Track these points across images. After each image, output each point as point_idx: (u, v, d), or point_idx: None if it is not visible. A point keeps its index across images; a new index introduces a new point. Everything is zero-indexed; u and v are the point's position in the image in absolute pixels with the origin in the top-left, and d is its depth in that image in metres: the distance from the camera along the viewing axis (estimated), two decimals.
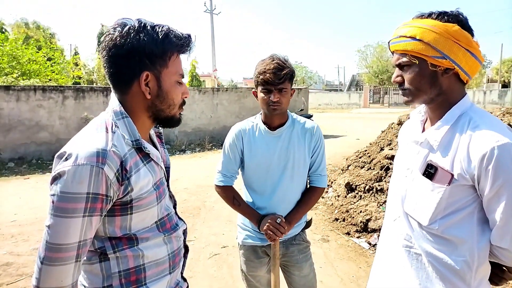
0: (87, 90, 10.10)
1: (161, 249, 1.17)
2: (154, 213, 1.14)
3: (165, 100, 1.13)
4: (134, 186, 1.04)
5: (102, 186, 0.97)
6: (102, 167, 0.96)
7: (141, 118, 1.14)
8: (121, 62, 1.05)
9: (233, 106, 12.99)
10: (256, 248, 1.99)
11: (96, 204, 0.97)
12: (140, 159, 1.10)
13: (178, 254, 1.24)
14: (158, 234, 1.16)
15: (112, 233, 1.07)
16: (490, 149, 1.06)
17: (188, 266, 3.63)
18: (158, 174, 1.16)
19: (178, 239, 1.25)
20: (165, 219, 1.20)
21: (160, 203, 1.16)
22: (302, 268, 2.00)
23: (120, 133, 1.06)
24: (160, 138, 1.35)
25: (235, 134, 1.96)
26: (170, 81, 1.13)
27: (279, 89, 1.79)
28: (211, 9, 25.13)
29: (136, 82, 1.08)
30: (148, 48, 1.05)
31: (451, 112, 1.21)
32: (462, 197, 1.16)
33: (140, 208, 1.09)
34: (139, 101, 1.11)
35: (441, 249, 1.21)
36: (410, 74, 1.22)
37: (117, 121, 1.08)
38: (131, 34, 1.04)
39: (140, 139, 1.09)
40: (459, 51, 1.14)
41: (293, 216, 1.91)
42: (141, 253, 1.11)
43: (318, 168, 1.97)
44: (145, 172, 1.09)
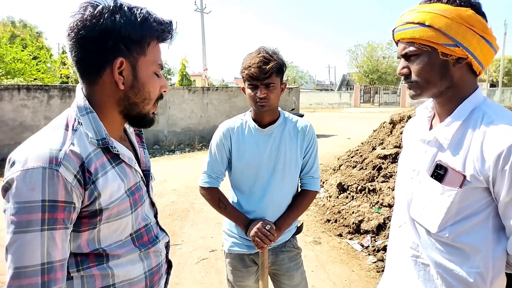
0: (73, 89, 9.84)
1: (136, 266, 1.02)
2: (128, 224, 1.00)
3: (140, 93, 0.99)
4: (102, 191, 0.90)
5: (60, 191, 0.82)
6: (56, 168, 0.81)
7: (111, 114, 0.99)
8: (92, 46, 0.90)
9: (224, 106, 12.82)
10: (243, 256, 1.85)
11: (56, 214, 0.81)
12: (108, 160, 0.95)
13: (157, 271, 1.09)
14: (133, 249, 1.01)
15: (77, 249, 0.92)
16: (508, 147, 0.94)
17: (174, 272, 3.48)
18: (132, 178, 1.02)
19: (158, 254, 1.10)
20: (142, 231, 1.05)
21: (136, 211, 1.01)
22: (293, 277, 1.85)
23: (83, 131, 0.92)
24: (140, 137, 1.20)
25: (223, 133, 1.81)
26: (148, 71, 0.99)
27: (265, 84, 1.64)
28: (201, 8, 24.90)
29: (109, 69, 0.93)
30: (125, 31, 0.91)
31: (462, 107, 1.08)
32: (475, 201, 1.03)
33: (111, 218, 0.94)
34: (110, 93, 0.96)
35: (451, 259, 1.08)
36: (418, 64, 1.09)
37: (81, 117, 0.93)
38: (104, 15, 0.89)
39: (108, 138, 0.95)
40: (473, 38, 1.02)
41: (283, 221, 1.77)
42: (111, 272, 0.96)
43: (310, 170, 1.83)
44: (114, 175, 0.95)
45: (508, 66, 40.29)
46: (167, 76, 25.07)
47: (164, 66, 11.63)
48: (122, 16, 0.91)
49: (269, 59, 1.63)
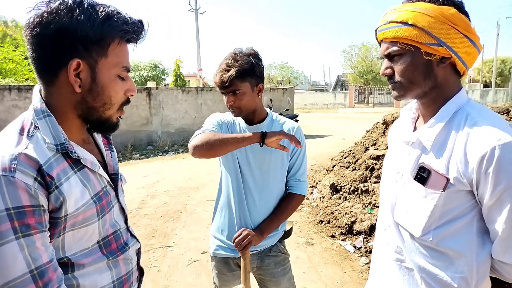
0: None
1: (104, 275, 0.97)
2: (95, 231, 0.95)
3: (100, 97, 0.92)
4: (68, 196, 0.85)
5: (23, 197, 0.77)
6: (12, 175, 0.77)
7: (70, 117, 0.93)
8: (47, 44, 0.85)
9: (218, 106, 12.77)
10: (228, 260, 1.81)
11: (26, 219, 0.77)
12: (69, 165, 0.90)
13: (127, 280, 1.04)
14: (100, 257, 0.96)
15: None
16: (491, 149, 0.92)
17: (165, 274, 3.45)
18: (96, 183, 0.96)
19: (127, 261, 1.05)
20: (110, 238, 1.01)
21: (103, 218, 0.97)
22: (280, 283, 1.81)
23: (40, 137, 0.86)
24: (108, 139, 1.14)
25: (220, 117, 1.76)
26: (109, 74, 0.92)
27: (230, 91, 1.60)
28: (195, 8, 24.85)
29: (65, 70, 0.87)
30: (82, 30, 0.85)
31: (446, 108, 1.06)
32: (459, 204, 1.01)
33: (76, 225, 0.89)
34: (66, 95, 0.90)
35: (435, 263, 1.06)
36: (401, 64, 1.06)
37: (38, 121, 0.88)
38: (62, 11, 0.84)
39: (67, 143, 0.89)
40: (456, 37, 1.00)
41: (266, 225, 1.72)
42: (76, 282, 0.91)
43: (297, 173, 1.79)
44: (76, 181, 0.90)
45: (501, 67, 40.63)
46: (161, 77, 24.93)
47: (158, 66, 11.58)
48: (80, 14, 0.85)
49: (230, 66, 1.58)
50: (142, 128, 11.19)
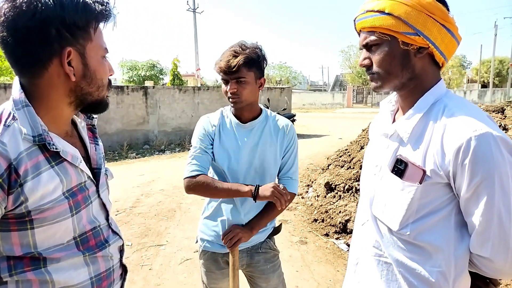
0: None
1: (80, 271, 0.95)
2: (69, 228, 0.92)
3: (94, 81, 0.94)
4: (29, 195, 0.83)
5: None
6: None
7: (57, 106, 0.92)
8: (32, 36, 0.83)
9: (215, 105, 12.74)
10: (216, 258, 1.79)
11: None
12: (46, 159, 0.88)
13: (106, 277, 1.02)
14: (75, 253, 0.94)
15: (9, 252, 0.86)
16: (467, 140, 0.90)
17: (157, 273, 3.42)
18: (74, 178, 0.94)
19: (107, 258, 1.03)
20: (88, 235, 0.98)
21: (78, 214, 0.94)
22: (269, 279, 1.80)
23: (17, 127, 0.84)
24: (93, 132, 1.12)
25: (206, 123, 1.73)
26: (97, 57, 0.94)
27: (235, 78, 1.58)
28: (193, 8, 24.79)
29: (55, 61, 0.87)
30: (69, 18, 0.84)
31: (423, 99, 1.05)
32: (436, 197, 0.99)
33: (45, 221, 0.87)
34: (57, 85, 0.89)
35: (413, 258, 1.04)
36: (379, 55, 1.04)
37: (16, 112, 0.86)
38: (41, 0, 0.82)
39: (45, 134, 0.87)
40: (433, 27, 0.98)
41: (256, 221, 1.71)
42: (50, 278, 0.89)
43: (289, 171, 1.77)
44: (50, 176, 0.87)
45: (499, 67, 40.68)
46: (159, 76, 24.90)
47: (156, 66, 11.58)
48: (61, 1, 0.84)
49: (238, 52, 1.58)
50: (139, 127, 11.16)
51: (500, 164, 0.90)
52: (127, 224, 4.70)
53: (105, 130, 10.46)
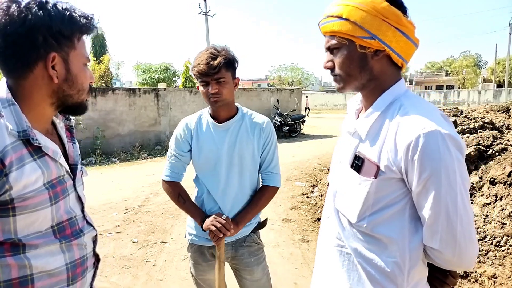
0: None
1: (56, 258, 1.02)
2: (48, 216, 1.00)
3: (74, 85, 1.03)
4: (13, 183, 0.91)
5: None
6: None
7: (40, 106, 1.01)
8: (21, 41, 0.92)
9: None
10: (203, 250, 1.88)
11: None
12: (29, 153, 0.96)
13: (80, 264, 1.09)
14: (52, 240, 1.02)
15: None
16: (415, 138, 0.96)
17: (160, 269, 3.54)
18: (54, 171, 1.02)
19: (82, 247, 1.11)
20: (65, 224, 1.06)
21: (56, 204, 1.02)
22: (254, 272, 1.88)
23: (3, 123, 0.93)
24: (71, 131, 1.21)
25: (183, 129, 1.84)
26: (79, 64, 1.04)
27: (215, 79, 1.67)
28: (205, 11, 25.05)
29: (41, 64, 0.96)
30: (56, 27, 0.94)
31: (381, 99, 1.11)
32: (390, 191, 1.05)
33: (27, 209, 0.95)
34: (41, 86, 0.99)
35: (371, 248, 1.10)
36: (339, 58, 1.11)
37: (3, 109, 0.95)
38: (32, 10, 0.92)
39: (29, 130, 0.96)
40: (388, 30, 1.04)
41: (241, 216, 1.79)
42: (28, 263, 0.97)
43: (269, 165, 1.86)
44: (33, 168, 0.96)
45: None
46: (172, 78, 25.23)
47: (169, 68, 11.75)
48: (50, 11, 0.94)
49: (216, 54, 1.67)
50: (151, 128, 11.36)
51: (447, 160, 0.95)
52: (135, 222, 4.84)
53: (118, 131, 10.70)
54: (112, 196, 6.09)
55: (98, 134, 10.03)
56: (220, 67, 1.65)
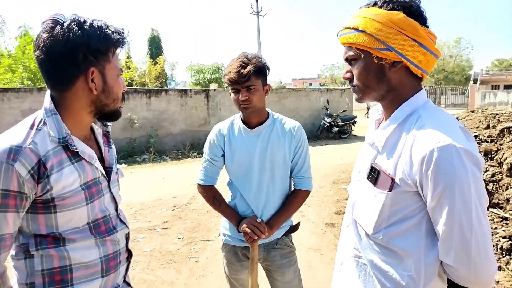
0: (131, 91, 10.57)
1: (91, 252, 1.14)
2: (84, 214, 1.11)
3: (110, 95, 1.14)
4: (54, 184, 1.03)
5: (13, 183, 0.97)
6: (12, 164, 0.96)
7: (79, 114, 1.13)
8: (64, 59, 1.04)
9: (273, 108, 12.76)
10: (236, 250, 1.95)
11: (8, 200, 0.97)
12: (68, 157, 1.08)
13: (113, 258, 1.20)
14: (88, 236, 1.13)
15: (36, 231, 1.06)
16: (430, 151, 0.94)
17: (202, 266, 3.66)
18: (90, 173, 1.14)
19: (115, 243, 1.22)
20: (99, 221, 1.17)
21: (92, 204, 1.13)
22: (285, 274, 1.92)
23: (46, 130, 1.05)
24: (107, 137, 1.32)
25: (215, 134, 1.93)
26: (114, 75, 1.14)
27: (246, 87, 1.73)
28: (257, 11, 25.31)
29: (81, 78, 1.07)
30: (93, 44, 1.05)
31: (399, 110, 1.10)
32: (406, 205, 1.04)
33: (65, 207, 1.07)
34: (81, 97, 1.10)
35: (386, 261, 1.09)
36: (357, 69, 1.12)
37: (46, 118, 1.07)
38: (73, 30, 1.03)
39: (68, 137, 1.07)
40: (404, 42, 1.03)
41: (274, 220, 1.84)
42: (67, 254, 1.09)
43: (300, 170, 1.89)
44: (71, 171, 1.07)
45: None
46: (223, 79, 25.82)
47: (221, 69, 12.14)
48: (87, 31, 1.05)
49: (247, 63, 1.73)
50: (201, 128, 11.71)
51: (461, 176, 0.92)
52: (182, 219, 5.04)
53: (170, 130, 11.16)
54: (162, 193, 6.39)
55: (152, 133, 10.54)
56: (250, 75, 1.71)
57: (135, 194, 6.28)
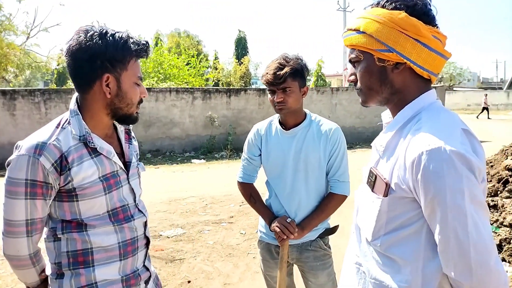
0: (212, 91, 11.13)
1: (110, 237, 1.25)
2: (103, 203, 1.23)
3: (124, 99, 1.24)
4: (74, 176, 1.16)
5: (39, 174, 1.11)
6: (38, 158, 1.11)
7: (98, 115, 1.25)
8: (85, 64, 1.17)
9: (354, 106, 12.51)
10: (270, 248, 1.97)
11: (36, 189, 1.12)
12: (88, 152, 1.21)
13: (131, 244, 1.30)
14: (107, 223, 1.25)
15: (62, 216, 1.21)
16: (419, 155, 0.89)
17: (258, 262, 3.69)
18: (108, 167, 1.25)
19: (133, 230, 1.32)
20: (118, 210, 1.28)
21: (110, 194, 1.25)
22: (318, 276, 1.89)
23: (69, 129, 1.19)
24: (129, 134, 1.44)
25: (253, 134, 1.97)
26: (129, 82, 1.23)
27: (281, 88, 1.74)
28: (344, 7, 24.63)
29: (98, 82, 1.19)
30: (109, 53, 1.16)
31: (401, 113, 1.05)
32: (404, 211, 0.98)
33: (85, 196, 1.19)
34: (98, 100, 1.22)
35: (384, 270, 1.05)
36: (360, 71, 1.09)
37: (71, 118, 1.22)
38: (93, 40, 1.16)
39: (88, 135, 1.20)
40: (406, 43, 0.98)
41: (307, 221, 1.83)
42: (88, 239, 1.21)
43: (336, 173, 1.84)
44: (90, 164, 1.20)
45: None
46: None
47: None
48: (107, 41, 1.16)
49: (284, 65, 1.73)
50: None
51: (453, 180, 0.85)
52: (247, 215, 5.19)
53: (248, 128, 11.35)
54: (233, 189, 6.60)
55: (230, 131, 10.97)
56: (285, 77, 1.72)
57: (208, 188, 6.63)
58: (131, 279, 1.31)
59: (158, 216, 5.21)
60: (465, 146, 0.88)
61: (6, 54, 13.25)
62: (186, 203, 5.91)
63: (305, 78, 1.82)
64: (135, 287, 1.33)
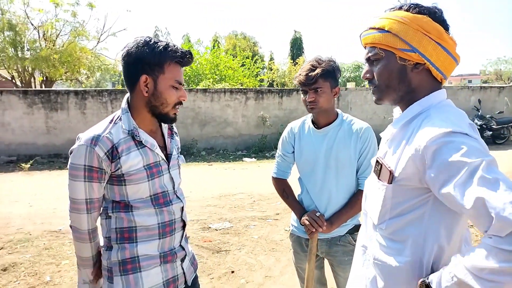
0: (265, 92, 11.32)
1: (151, 218, 1.43)
2: (146, 188, 1.41)
3: (159, 99, 1.39)
4: (123, 164, 1.35)
5: (94, 161, 1.32)
6: (93, 147, 1.31)
7: (141, 113, 1.43)
8: (131, 67, 1.37)
9: None
10: (301, 241, 2.07)
11: (92, 173, 1.33)
12: (135, 144, 1.39)
13: (169, 225, 1.47)
14: (149, 205, 1.43)
15: (113, 197, 1.41)
16: (431, 139, 0.96)
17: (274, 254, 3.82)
18: (151, 157, 1.43)
19: (171, 213, 1.48)
20: (159, 195, 1.45)
21: (152, 181, 1.42)
22: (346, 271, 1.93)
23: (120, 124, 1.39)
24: (171, 129, 1.62)
25: (288, 132, 2.09)
26: (166, 84, 1.39)
27: (313, 89, 1.83)
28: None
29: (139, 83, 1.37)
30: (149, 58, 1.34)
31: (410, 109, 1.12)
32: (407, 198, 1.06)
33: (132, 182, 1.38)
34: (140, 99, 1.41)
35: (387, 251, 1.13)
36: (379, 69, 1.15)
37: (122, 115, 1.41)
38: (138, 47, 1.35)
39: (135, 130, 1.39)
40: (429, 45, 1.06)
41: (336, 217, 1.91)
42: (133, 218, 1.40)
43: (365, 171, 1.91)
44: (136, 154, 1.38)
45: None
46: None
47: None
48: (148, 48, 1.35)
49: (316, 66, 1.82)
50: None
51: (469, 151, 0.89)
52: (292, 212, 5.28)
53: None
54: None
55: (281, 131, 10.99)
56: (317, 78, 1.82)
57: (257, 186, 6.81)
58: (168, 255, 1.48)
59: (209, 210, 5.49)
60: (474, 133, 0.95)
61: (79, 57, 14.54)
62: (235, 199, 6.15)
63: (337, 79, 1.90)
64: (172, 263, 1.50)
